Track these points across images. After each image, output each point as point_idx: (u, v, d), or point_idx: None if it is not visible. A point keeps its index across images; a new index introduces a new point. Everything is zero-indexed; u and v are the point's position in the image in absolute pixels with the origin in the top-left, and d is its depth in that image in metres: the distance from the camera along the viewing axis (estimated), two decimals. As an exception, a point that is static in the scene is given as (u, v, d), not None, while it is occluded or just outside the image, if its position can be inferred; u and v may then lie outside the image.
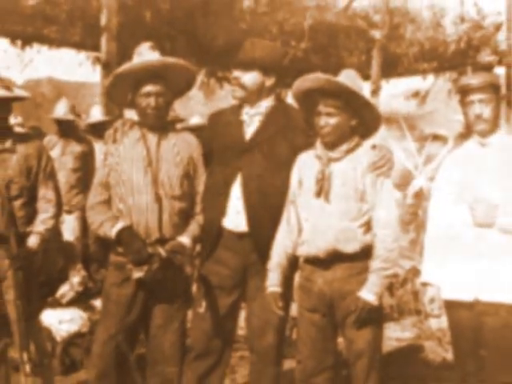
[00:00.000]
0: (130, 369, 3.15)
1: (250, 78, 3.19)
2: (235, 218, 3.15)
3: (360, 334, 2.92)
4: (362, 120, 3.00)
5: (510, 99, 7.72)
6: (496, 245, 2.97)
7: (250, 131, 3.22)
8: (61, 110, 5.88)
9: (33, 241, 3.38)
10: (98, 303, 4.52)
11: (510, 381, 3.02)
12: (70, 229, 5.67)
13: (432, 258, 3.11)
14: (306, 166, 3.03)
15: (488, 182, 3.01)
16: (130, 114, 3.38)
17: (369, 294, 2.86)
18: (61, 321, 4.42)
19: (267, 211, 3.13)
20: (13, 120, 4.84)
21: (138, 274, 3.05)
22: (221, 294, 3.22)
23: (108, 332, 3.17)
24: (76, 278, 4.91)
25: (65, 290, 4.81)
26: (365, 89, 3.20)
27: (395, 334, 4.86)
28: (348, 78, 2.96)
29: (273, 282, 3.02)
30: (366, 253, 2.91)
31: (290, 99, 3.27)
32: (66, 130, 5.90)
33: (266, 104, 3.24)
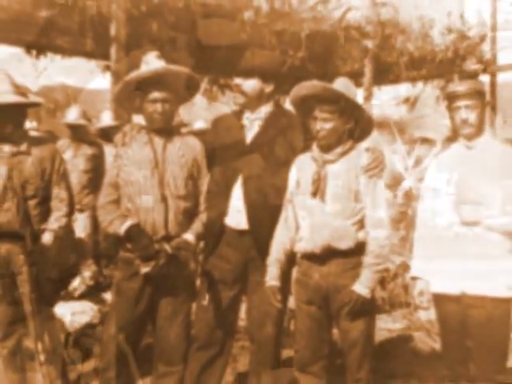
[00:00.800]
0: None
1: (251, 85, 3.19)
2: (236, 216, 3.16)
3: (354, 325, 2.92)
4: (356, 124, 2.99)
5: (494, 105, 7.72)
6: (481, 241, 2.97)
7: (250, 135, 3.22)
8: (73, 115, 5.87)
9: (47, 238, 3.38)
10: (107, 296, 4.52)
11: (493, 369, 3.03)
12: (81, 226, 5.66)
13: (421, 254, 3.11)
14: (303, 168, 3.03)
15: (473, 182, 3.01)
16: (138, 119, 3.38)
17: (362, 287, 2.86)
18: (73, 313, 4.42)
19: (266, 210, 3.13)
20: (28, 124, 4.83)
21: (145, 269, 3.05)
22: (223, 287, 3.22)
23: (117, 323, 3.17)
24: (87, 273, 4.91)
25: (77, 284, 4.81)
26: (358, 95, 3.20)
27: (387, 325, 4.85)
28: (342, 85, 2.96)
29: (272, 276, 3.02)
30: (359, 249, 2.91)
31: (287, 105, 3.27)
32: (78, 134, 5.89)
33: (266, 109, 3.24)
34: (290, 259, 3.07)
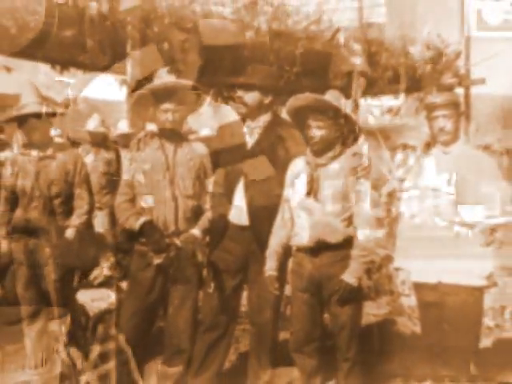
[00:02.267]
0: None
1: (251, 97, 3.20)
2: (239, 213, 3.16)
3: (343, 311, 2.92)
4: (345, 132, 3.00)
5: (468, 115, 7.71)
6: (457, 236, 2.98)
7: (251, 141, 3.23)
8: (93, 123, 5.89)
9: (70, 233, 3.39)
10: (124, 285, 4.51)
11: (466, 350, 3.03)
12: (100, 223, 5.65)
13: (403, 247, 3.12)
14: (297, 170, 3.03)
15: (450, 183, 3.02)
16: (151, 127, 3.38)
17: (350, 276, 2.86)
18: (93, 299, 4.42)
19: (265, 209, 3.13)
20: (53, 132, 4.83)
21: (157, 260, 3.06)
22: (226, 277, 3.22)
23: (133, 308, 3.18)
24: (106, 264, 4.91)
25: (96, 274, 4.81)
26: (347, 106, 3.21)
27: (372, 311, 4.84)
28: (333, 96, 2.97)
29: (270, 267, 3.02)
30: (347, 243, 2.91)
31: (284, 114, 3.27)
32: (98, 140, 5.90)
33: (265, 119, 3.24)
34: (287, 252, 3.07)
